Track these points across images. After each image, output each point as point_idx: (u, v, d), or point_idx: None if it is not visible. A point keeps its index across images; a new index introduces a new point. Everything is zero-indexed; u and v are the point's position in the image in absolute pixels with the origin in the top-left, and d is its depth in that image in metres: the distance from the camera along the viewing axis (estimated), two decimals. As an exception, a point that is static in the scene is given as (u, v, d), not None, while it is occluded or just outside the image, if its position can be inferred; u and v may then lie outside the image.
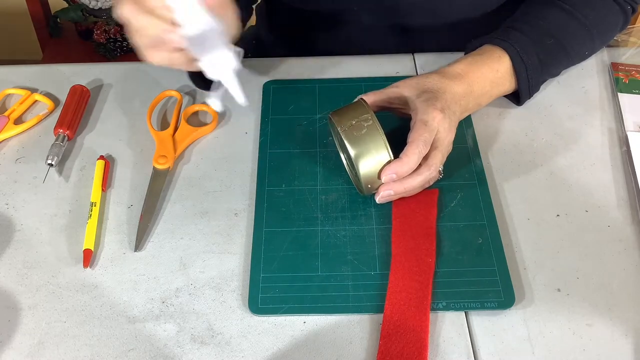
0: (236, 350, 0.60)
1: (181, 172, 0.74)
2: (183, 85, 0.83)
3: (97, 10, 1.59)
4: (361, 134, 0.65)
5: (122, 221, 0.70)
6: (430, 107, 0.67)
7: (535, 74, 0.75)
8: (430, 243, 0.66)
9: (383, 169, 0.65)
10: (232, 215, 0.70)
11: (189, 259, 0.67)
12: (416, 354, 0.58)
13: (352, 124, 0.65)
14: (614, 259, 0.66)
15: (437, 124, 0.66)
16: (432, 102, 0.68)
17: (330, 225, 0.68)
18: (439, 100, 0.68)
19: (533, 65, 0.74)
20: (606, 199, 0.71)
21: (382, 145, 0.65)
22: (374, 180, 0.66)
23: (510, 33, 0.75)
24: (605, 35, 0.81)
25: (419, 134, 0.66)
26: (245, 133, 0.78)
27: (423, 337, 0.59)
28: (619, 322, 0.62)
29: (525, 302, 0.63)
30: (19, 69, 0.86)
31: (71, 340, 0.61)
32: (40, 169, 0.74)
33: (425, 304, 0.62)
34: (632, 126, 0.77)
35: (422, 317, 0.61)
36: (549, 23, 0.76)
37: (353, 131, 0.65)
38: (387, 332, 0.60)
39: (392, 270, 0.64)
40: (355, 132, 0.65)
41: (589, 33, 0.77)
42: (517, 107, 0.80)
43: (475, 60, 0.74)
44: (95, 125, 0.79)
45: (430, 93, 0.69)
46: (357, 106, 0.67)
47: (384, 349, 0.59)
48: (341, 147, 0.72)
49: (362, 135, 0.65)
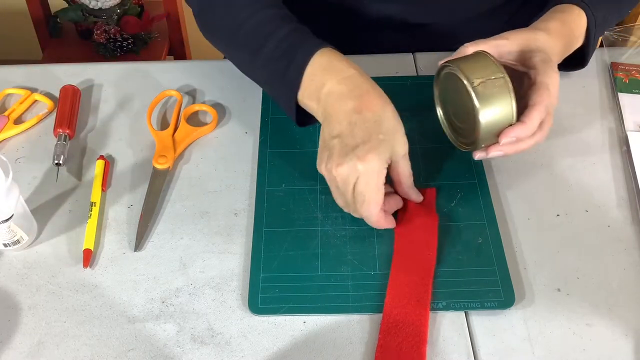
0: (236, 350, 0.60)
1: (181, 172, 0.74)
2: (183, 85, 0.83)
3: (97, 10, 1.58)
4: (493, 92, 0.63)
5: (122, 221, 0.70)
6: (550, 70, 0.66)
7: (598, 31, 0.75)
8: (431, 236, 0.66)
9: (505, 131, 0.64)
10: (232, 215, 0.70)
11: (189, 259, 0.67)
12: (415, 348, 0.58)
13: (482, 81, 0.63)
14: (614, 259, 0.66)
15: (557, 88, 0.65)
16: (550, 64, 0.66)
17: (330, 225, 0.68)
18: (554, 63, 0.67)
19: (599, 23, 0.74)
20: (606, 199, 0.71)
21: (510, 108, 0.63)
22: (488, 139, 0.65)
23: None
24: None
25: (543, 98, 0.64)
26: (245, 133, 0.78)
27: (422, 330, 0.59)
28: (619, 322, 0.62)
29: (525, 302, 0.63)
30: (19, 69, 0.86)
31: (71, 340, 0.61)
32: (40, 169, 0.74)
33: (426, 297, 0.62)
34: (632, 126, 0.77)
35: (422, 311, 0.61)
36: None
37: (484, 89, 0.63)
38: (387, 327, 0.60)
39: (394, 263, 0.64)
40: (486, 90, 0.63)
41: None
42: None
43: (563, 18, 0.72)
44: (95, 125, 0.79)
45: (544, 53, 0.67)
46: (486, 62, 0.64)
47: (383, 343, 0.59)
48: (449, 100, 0.70)
49: (493, 94, 0.63)
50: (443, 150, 0.74)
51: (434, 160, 0.73)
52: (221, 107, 0.81)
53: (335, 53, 0.66)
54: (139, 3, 1.66)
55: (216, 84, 0.83)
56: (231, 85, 0.83)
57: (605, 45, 0.87)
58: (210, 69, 0.85)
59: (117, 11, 1.60)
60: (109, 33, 1.58)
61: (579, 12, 0.73)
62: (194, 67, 0.86)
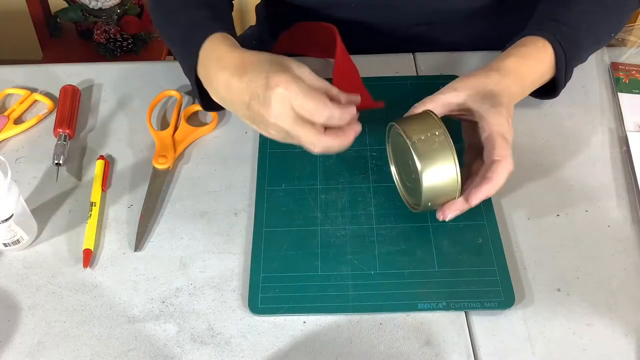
0: (236, 350, 0.60)
1: (181, 172, 0.74)
2: (183, 85, 0.83)
3: (97, 10, 1.59)
4: (432, 147, 0.61)
5: (122, 221, 0.70)
6: (500, 117, 0.64)
7: (571, 61, 0.72)
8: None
9: (473, 193, 0.62)
10: (232, 215, 0.70)
11: (189, 259, 0.67)
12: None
13: (421, 138, 0.61)
14: (614, 259, 0.66)
15: (511, 133, 0.64)
16: (499, 109, 0.64)
17: (330, 225, 0.68)
18: (504, 107, 0.65)
19: (570, 54, 0.72)
20: (606, 199, 0.71)
21: (451, 161, 0.61)
22: (436, 198, 0.63)
23: (548, 23, 0.72)
24: (628, 15, 0.79)
25: (505, 151, 0.62)
26: (245, 133, 0.78)
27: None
28: (619, 322, 0.62)
29: (525, 302, 0.63)
30: (19, 69, 0.86)
31: (71, 340, 0.61)
32: (40, 169, 0.74)
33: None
34: (632, 126, 0.77)
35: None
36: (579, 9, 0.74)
37: (423, 145, 0.61)
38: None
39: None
40: (425, 145, 0.61)
41: (614, 15, 0.76)
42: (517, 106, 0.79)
43: (522, 53, 0.70)
44: (94, 125, 0.79)
45: (494, 98, 0.65)
46: (428, 119, 0.63)
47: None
48: (398, 160, 0.69)
49: (433, 149, 0.61)
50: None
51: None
52: (221, 107, 0.81)
53: (222, 39, 0.68)
54: (139, 3, 1.66)
55: (216, 84, 0.83)
56: (231, 85, 0.83)
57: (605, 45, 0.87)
58: (210, 69, 0.85)
59: (117, 11, 1.60)
60: (109, 33, 1.58)
61: (544, 44, 0.70)
62: (194, 67, 0.86)
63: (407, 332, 0.61)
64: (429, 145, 0.61)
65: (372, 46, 0.86)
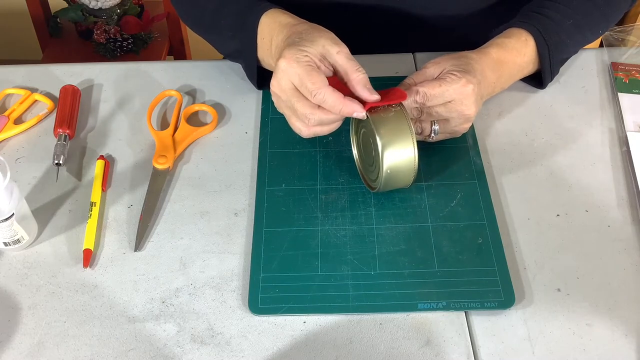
0: (236, 350, 0.60)
1: (181, 172, 0.74)
2: (183, 85, 0.83)
3: (97, 10, 1.58)
4: (388, 115, 0.65)
5: (122, 221, 0.70)
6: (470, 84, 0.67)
7: (556, 55, 0.76)
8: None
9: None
10: (232, 215, 0.70)
11: (189, 259, 0.67)
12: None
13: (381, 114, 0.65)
14: (614, 259, 0.66)
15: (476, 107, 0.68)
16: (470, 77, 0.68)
17: (330, 225, 0.68)
18: (476, 79, 0.68)
19: (555, 47, 0.75)
20: (606, 199, 0.71)
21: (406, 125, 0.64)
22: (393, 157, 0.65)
23: (533, 16, 0.76)
24: (618, 13, 0.82)
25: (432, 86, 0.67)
26: (245, 133, 0.78)
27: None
28: (619, 322, 0.62)
29: (525, 302, 0.63)
30: (19, 69, 0.86)
31: (71, 340, 0.61)
32: (40, 169, 0.74)
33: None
34: (632, 126, 0.77)
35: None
36: (566, 4, 0.76)
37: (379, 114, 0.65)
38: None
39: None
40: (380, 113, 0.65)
41: (603, 12, 0.78)
42: (517, 106, 0.80)
43: (505, 44, 0.74)
44: (94, 125, 0.79)
45: (470, 69, 0.69)
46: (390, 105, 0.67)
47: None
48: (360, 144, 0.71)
49: (389, 117, 0.65)
50: (443, 150, 0.74)
51: (434, 160, 0.73)
52: (221, 107, 0.81)
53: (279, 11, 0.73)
54: (139, 3, 1.66)
55: (216, 84, 0.83)
56: (231, 85, 0.83)
57: (605, 45, 0.87)
58: (210, 69, 0.85)
59: (117, 11, 1.60)
60: (109, 33, 1.58)
61: (527, 37, 0.74)
62: (194, 67, 0.86)
63: (407, 332, 0.61)
64: (384, 113, 0.65)
65: (372, 46, 0.86)
